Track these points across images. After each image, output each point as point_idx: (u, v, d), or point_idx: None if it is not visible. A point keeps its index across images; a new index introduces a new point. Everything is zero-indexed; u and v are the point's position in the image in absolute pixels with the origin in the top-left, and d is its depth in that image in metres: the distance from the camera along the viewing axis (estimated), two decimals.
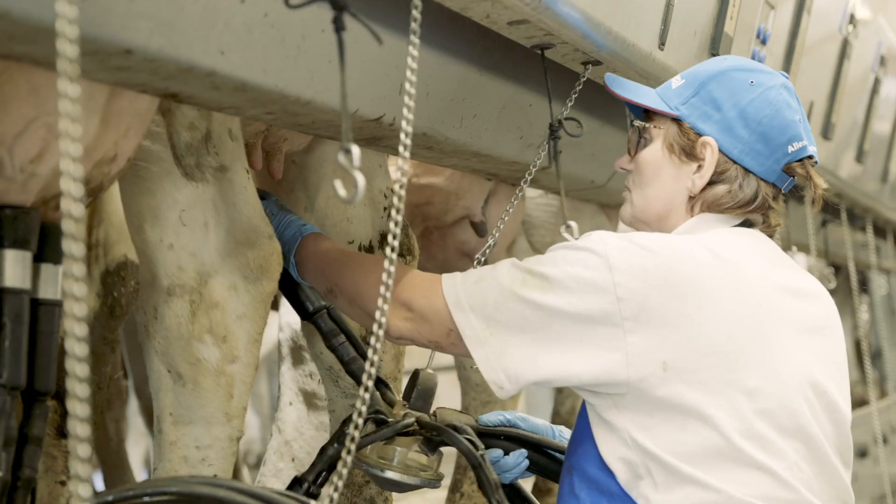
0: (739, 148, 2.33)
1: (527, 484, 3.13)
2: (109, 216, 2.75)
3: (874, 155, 5.69)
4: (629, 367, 2.16)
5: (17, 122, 1.77)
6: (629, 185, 2.44)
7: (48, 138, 1.80)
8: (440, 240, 3.62)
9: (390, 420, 2.47)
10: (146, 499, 1.76)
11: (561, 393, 4.41)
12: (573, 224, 2.75)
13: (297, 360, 3.37)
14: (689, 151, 2.35)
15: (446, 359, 3.37)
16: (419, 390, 2.54)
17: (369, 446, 2.45)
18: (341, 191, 1.70)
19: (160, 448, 2.30)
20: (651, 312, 2.15)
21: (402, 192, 1.91)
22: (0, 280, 1.78)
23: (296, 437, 3.24)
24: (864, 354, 5.44)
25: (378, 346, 1.87)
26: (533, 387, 2.32)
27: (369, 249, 2.85)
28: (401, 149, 1.89)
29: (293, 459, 3.23)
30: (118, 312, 2.71)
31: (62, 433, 2.20)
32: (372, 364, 1.86)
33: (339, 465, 1.84)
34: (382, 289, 1.91)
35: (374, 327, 1.88)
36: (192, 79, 1.89)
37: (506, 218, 2.80)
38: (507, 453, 2.56)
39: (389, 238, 1.87)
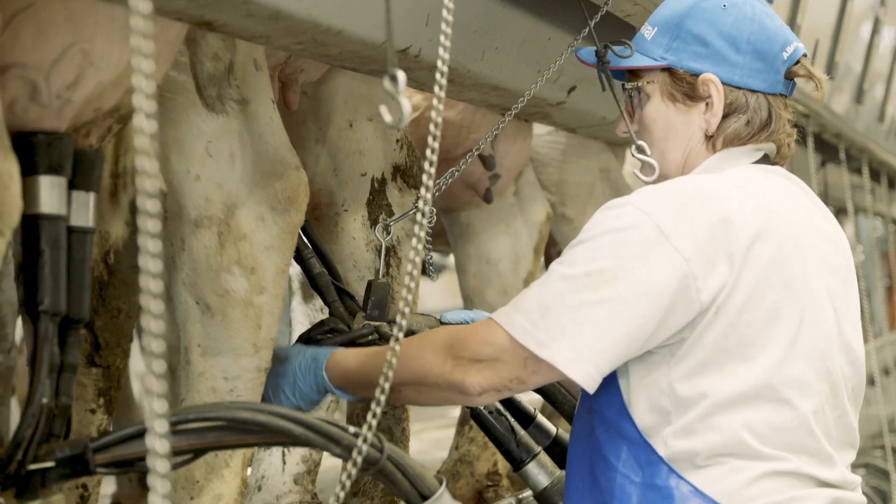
0: (739, 73, 2.31)
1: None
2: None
3: (873, 96, 5.70)
4: (697, 321, 2.15)
5: (54, 48, 1.75)
6: (644, 147, 2.39)
7: (84, 65, 1.79)
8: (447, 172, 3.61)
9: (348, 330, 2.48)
10: (187, 425, 1.76)
11: None
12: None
13: (308, 295, 3.36)
14: (691, 94, 2.33)
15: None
16: (373, 300, 2.54)
17: None
18: (387, 116, 1.69)
19: (188, 379, 2.30)
20: (712, 263, 2.14)
21: (434, 158, 1.86)
22: (36, 206, 1.77)
23: None
24: (861, 296, 5.46)
25: (393, 360, 1.82)
26: None
27: (381, 182, 2.83)
28: (436, 89, 1.84)
29: None
30: None
31: (92, 362, 2.19)
32: (385, 379, 1.83)
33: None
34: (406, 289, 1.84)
35: (401, 315, 1.81)
36: (228, 6, 1.87)
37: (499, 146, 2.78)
38: None
39: (414, 240, 1.83)
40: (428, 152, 1.83)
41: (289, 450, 3.10)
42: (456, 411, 7.38)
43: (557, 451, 2.69)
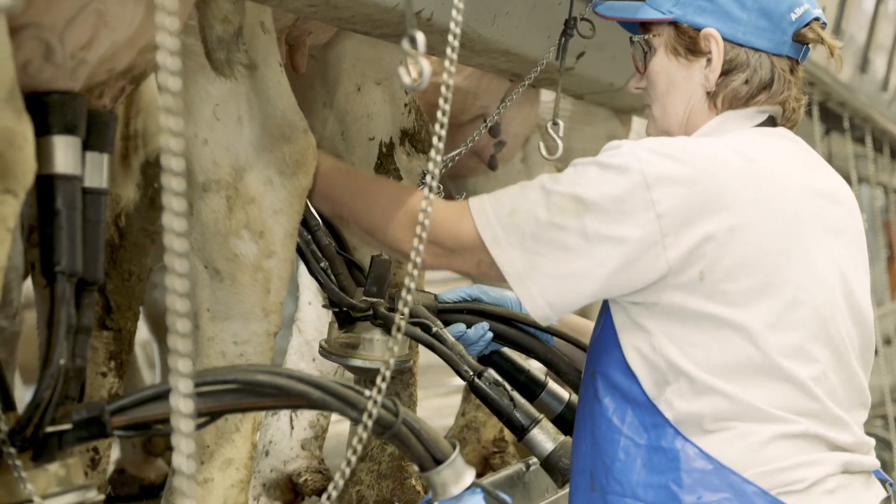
0: (742, 30, 2.30)
1: None
2: (148, 106, 2.70)
3: (876, 65, 5.69)
4: (668, 280, 2.16)
5: (68, 8, 1.74)
6: (648, 103, 2.41)
7: (98, 25, 1.78)
8: (453, 138, 3.60)
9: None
10: (205, 388, 1.75)
11: None
12: (560, 122, 2.74)
13: None
14: (693, 49, 2.33)
15: None
16: (372, 276, 2.55)
17: (334, 338, 2.48)
18: (406, 77, 1.68)
19: (197, 344, 2.29)
20: (689, 225, 2.14)
21: (443, 133, 1.86)
22: (51, 166, 1.76)
23: (316, 336, 3.24)
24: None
25: (406, 310, 1.81)
26: None
27: (389, 146, 2.82)
28: (448, 51, 1.83)
29: (314, 360, 3.23)
30: (158, 203, 2.66)
31: (104, 325, 2.19)
32: (398, 328, 1.82)
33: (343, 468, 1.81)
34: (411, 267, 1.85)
35: (403, 294, 1.81)
36: None
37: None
38: (470, 327, 2.57)
39: (418, 229, 1.82)
40: (437, 128, 1.83)
41: (296, 415, 3.10)
42: (457, 380, 7.37)
43: (571, 416, 2.69)
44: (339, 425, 3.96)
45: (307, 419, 3.14)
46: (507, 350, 2.69)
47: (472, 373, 2.53)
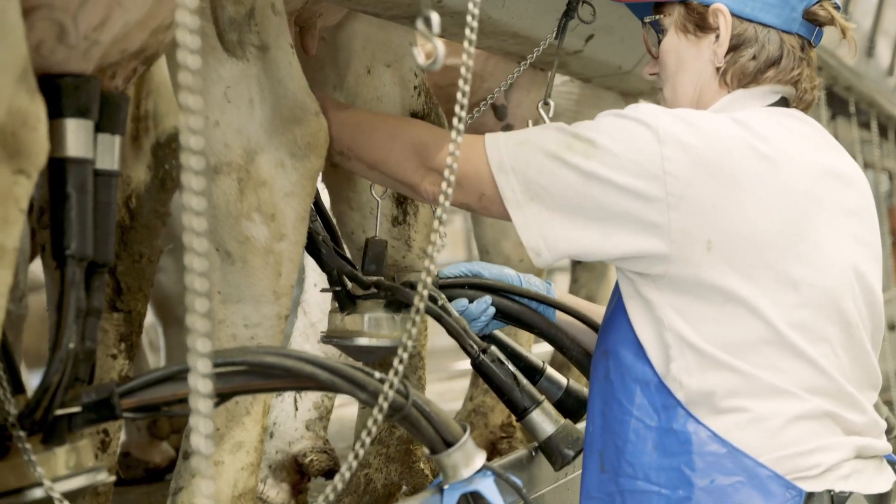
0: (751, 5, 2.30)
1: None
2: (158, 87, 2.69)
3: (881, 50, 5.67)
4: (671, 244, 2.15)
5: None
6: (660, 86, 2.41)
7: (111, 5, 1.77)
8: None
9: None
10: (215, 370, 1.74)
11: (576, 283, 4.42)
12: (551, 102, 2.73)
13: None
14: (701, 25, 2.33)
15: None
16: (370, 256, 2.55)
17: (336, 321, 2.46)
18: (420, 58, 1.67)
19: None
20: (697, 190, 2.14)
21: (461, 127, 1.85)
22: (63, 150, 1.75)
23: (321, 318, 3.23)
24: None
25: (432, 267, 1.80)
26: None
27: None
28: (467, 31, 1.82)
29: (319, 342, 3.21)
30: (169, 185, 2.66)
31: (114, 307, 2.18)
32: (424, 286, 1.80)
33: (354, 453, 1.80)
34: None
35: (426, 263, 1.79)
36: None
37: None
38: (472, 302, 2.56)
39: (435, 224, 1.81)
40: (458, 105, 1.82)
41: (300, 396, 3.10)
42: (460, 364, 7.39)
43: (570, 402, 2.68)
44: (342, 409, 3.96)
45: (311, 400, 3.13)
46: (503, 336, 2.67)
47: (477, 348, 2.52)
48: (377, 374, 1.84)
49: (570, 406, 2.69)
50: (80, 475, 1.74)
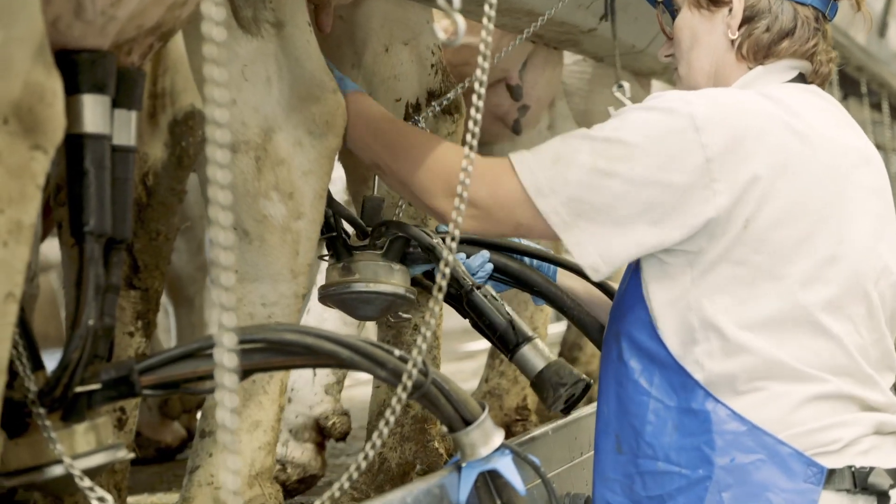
0: None
1: (554, 350, 3.14)
2: (175, 64, 2.68)
3: (894, 31, 5.66)
4: (716, 227, 2.13)
5: None
6: (675, 65, 2.39)
7: None
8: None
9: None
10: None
11: None
12: (626, 84, 2.70)
13: None
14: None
15: None
16: (366, 209, 2.51)
17: (333, 274, 2.43)
18: (440, 34, 1.66)
19: None
20: (737, 170, 2.12)
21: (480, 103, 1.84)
22: (80, 126, 1.74)
23: None
24: None
25: (447, 270, 1.79)
26: None
27: (416, 107, 2.80)
28: (486, 7, 1.80)
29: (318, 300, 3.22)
30: (186, 163, 2.65)
31: (131, 284, 2.18)
32: (439, 289, 1.79)
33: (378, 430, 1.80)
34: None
35: (450, 228, 1.78)
36: None
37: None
38: (469, 257, 2.55)
39: (454, 214, 1.79)
40: (476, 86, 1.81)
41: None
42: (467, 346, 7.39)
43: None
44: (351, 390, 3.96)
45: None
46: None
47: (469, 282, 2.50)
48: (397, 353, 1.84)
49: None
50: (99, 452, 1.74)
